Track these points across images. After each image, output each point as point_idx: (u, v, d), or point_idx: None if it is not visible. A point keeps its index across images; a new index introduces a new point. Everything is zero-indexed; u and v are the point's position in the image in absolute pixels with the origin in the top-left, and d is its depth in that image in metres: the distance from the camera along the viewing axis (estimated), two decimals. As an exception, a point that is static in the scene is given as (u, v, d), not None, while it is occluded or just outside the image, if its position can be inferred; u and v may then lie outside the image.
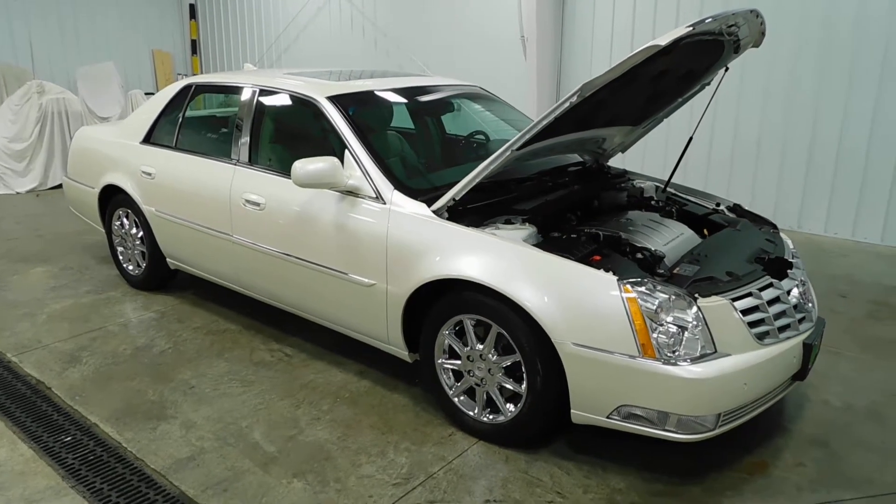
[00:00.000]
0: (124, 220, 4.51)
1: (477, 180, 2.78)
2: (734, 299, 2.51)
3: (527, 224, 2.88)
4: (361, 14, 8.82)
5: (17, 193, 7.60)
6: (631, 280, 2.45)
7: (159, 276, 4.48)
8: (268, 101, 3.69)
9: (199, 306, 4.33)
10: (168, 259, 4.31)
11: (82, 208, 4.94)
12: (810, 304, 2.88)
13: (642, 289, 2.43)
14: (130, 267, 4.63)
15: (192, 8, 11.40)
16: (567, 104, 2.49)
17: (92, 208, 4.75)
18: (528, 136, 2.63)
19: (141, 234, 4.40)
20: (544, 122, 2.57)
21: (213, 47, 11.37)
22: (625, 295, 2.41)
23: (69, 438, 2.90)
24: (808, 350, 2.68)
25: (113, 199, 4.55)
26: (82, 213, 4.99)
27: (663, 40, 2.36)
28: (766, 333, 2.56)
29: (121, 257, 4.69)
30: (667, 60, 2.68)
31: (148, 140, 4.29)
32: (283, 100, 3.66)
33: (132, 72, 10.74)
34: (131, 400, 3.21)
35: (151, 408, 3.15)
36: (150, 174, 4.14)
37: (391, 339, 3.08)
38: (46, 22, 9.90)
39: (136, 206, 4.28)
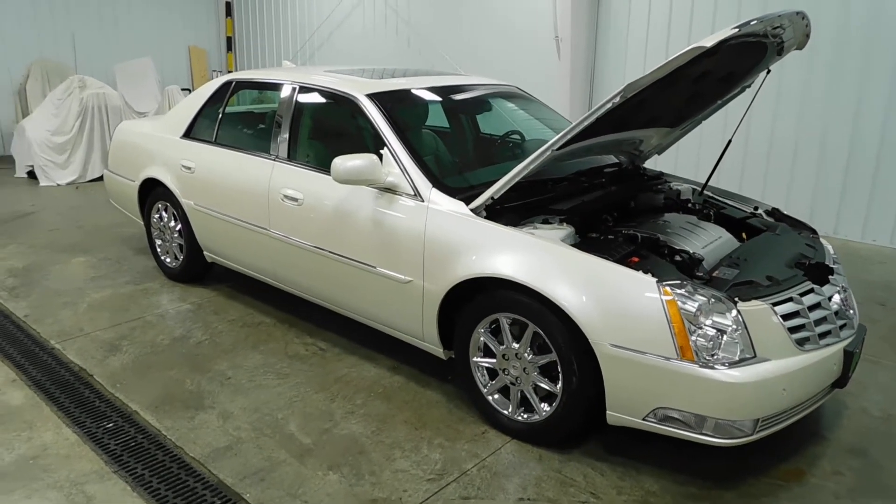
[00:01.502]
0: (163, 213, 4.60)
1: (516, 179, 2.79)
2: (774, 304, 2.49)
3: (564, 224, 2.88)
4: (395, 12, 8.87)
5: (58, 185, 7.78)
6: (670, 282, 2.44)
7: (196, 269, 4.56)
8: (307, 98, 3.74)
9: (234, 299, 4.41)
10: (205, 252, 4.39)
11: (122, 201, 5.05)
12: (851, 311, 2.84)
13: (682, 291, 2.42)
14: (168, 259, 4.72)
15: (228, 6, 11.56)
16: (609, 105, 2.49)
17: (132, 201, 4.85)
18: (569, 137, 2.63)
19: (179, 227, 4.49)
20: (586, 123, 2.57)
21: (247, 45, 11.52)
22: (664, 297, 2.40)
23: (111, 425, 2.98)
24: (849, 357, 2.64)
25: (152, 192, 4.64)
26: (122, 206, 5.10)
27: (709, 41, 2.34)
28: (807, 339, 2.53)
29: (159, 249, 4.78)
30: (709, 62, 2.66)
31: (188, 135, 4.37)
32: (322, 97, 3.70)
33: (168, 68, 10.92)
34: (170, 389, 3.28)
35: (189, 397, 3.21)
36: (189, 168, 4.22)
37: (426, 336, 3.11)
38: (88, 18, 10.12)
39: (175, 199, 4.37)
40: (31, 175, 7.96)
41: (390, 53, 9.09)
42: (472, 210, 2.88)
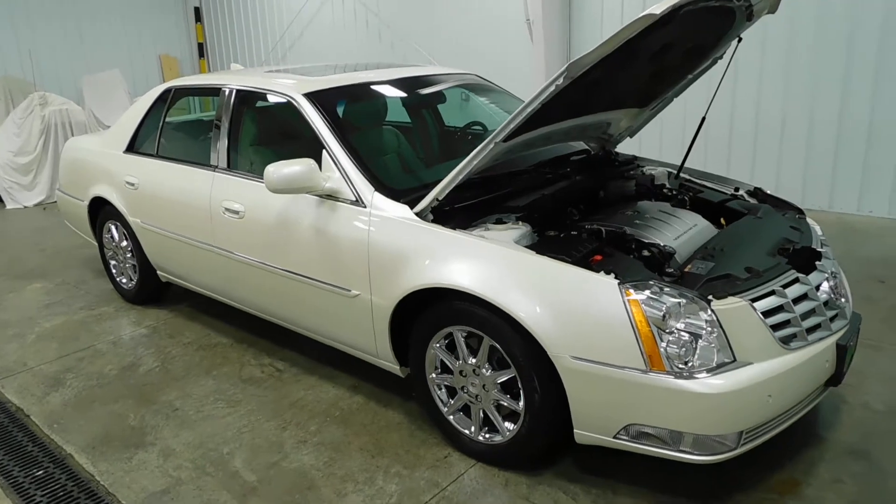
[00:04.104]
0: (114, 232, 4.34)
1: (461, 177, 2.51)
2: (754, 300, 2.21)
3: (520, 223, 2.61)
4: (364, 6, 8.57)
5: (25, 207, 7.53)
6: (634, 282, 2.17)
7: (151, 289, 4.30)
8: (245, 101, 3.46)
9: (193, 319, 4.14)
10: (158, 272, 4.13)
11: (75, 221, 4.79)
12: (843, 299, 2.56)
13: (647, 292, 2.15)
14: (123, 280, 4.46)
15: (198, 11, 11.27)
16: (553, 87, 2.21)
17: (83, 221, 4.59)
18: (513, 126, 2.35)
19: (131, 246, 4.23)
20: (529, 110, 2.29)
21: (219, 49, 11.23)
22: (627, 299, 2.13)
23: (41, 472, 2.72)
24: (843, 352, 2.37)
25: (102, 210, 4.38)
26: (75, 226, 4.85)
27: (658, 8, 2.06)
28: (793, 336, 2.26)
29: (114, 270, 4.53)
30: (667, 32, 2.38)
31: (131, 149, 4.10)
32: (260, 100, 3.43)
33: (140, 78, 10.64)
34: (111, 426, 3.03)
35: (131, 434, 2.95)
36: (133, 184, 3.96)
37: (380, 353, 2.85)
38: (51, 34, 9.83)
39: (124, 217, 4.10)
40: (-2, 198, 7.71)
41: (362, 48, 8.79)
42: (416, 214, 2.60)
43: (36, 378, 3.52)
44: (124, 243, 4.29)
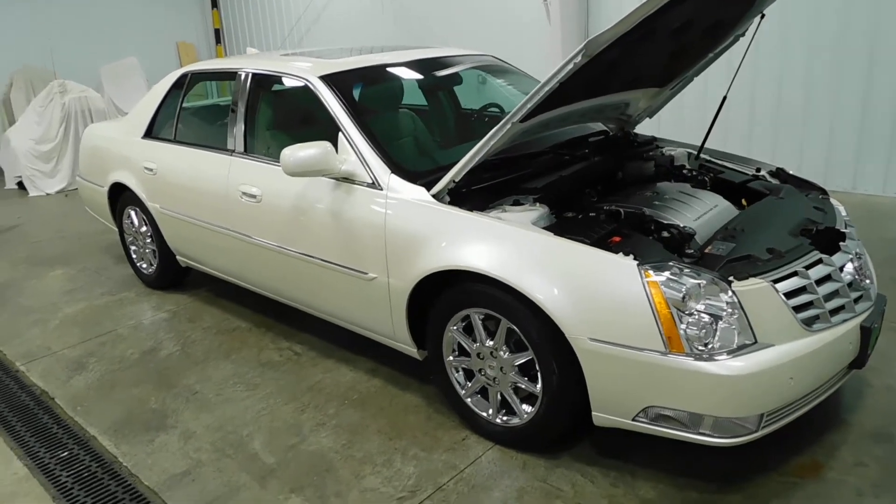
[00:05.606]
0: (133, 217, 4.38)
1: (477, 159, 2.49)
2: (776, 280, 2.18)
3: (538, 204, 2.59)
4: (380, -11, 8.51)
5: (47, 195, 7.62)
6: (653, 264, 2.14)
7: (171, 274, 4.34)
8: (261, 85, 3.46)
9: (212, 304, 4.18)
10: (177, 257, 4.17)
11: (95, 207, 4.84)
12: (868, 281, 2.51)
13: (666, 273, 2.12)
14: (144, 265, 4.51)
15: (214, -3, 11.27)
16: (571, 66, 2.17)
17: (103, 207, 4.63)
18: (530, 106, 2.32)
19: (150, 231, 4.26)
20: (547, 89, 2.25)
21: (236, 35, 11.23)
22: (646, 281, 2.10)
23: (66, 454, 2.77)
24: (867, 334, 2.32)
25: (122, 196, 4.41)
26: (95, 212, 4.89)
27: (678, -17, 2.02)
28: (816, 318, 2.22)
29: (134, 256, 4.57)
30: (687, 9, 2.33)
31: (149, 134, 4.12)
32: (276, 83, 3.43)
33: (157, 66, 10.61)
34: (132, 409, 3.07)
35: (152, 417, 2.99)
36: (151, 170, 3.98)
37: (397, 336, 2.85)
38: (71, 23, 9.88)
39: (143, 203, 4.13)
40: (21, 186, 7.81)
41: (378, 31, 8.74)
42: (433, 196, 2.59)
43: (59, 362, 3.57)
44: (144, 228, 4.32)
